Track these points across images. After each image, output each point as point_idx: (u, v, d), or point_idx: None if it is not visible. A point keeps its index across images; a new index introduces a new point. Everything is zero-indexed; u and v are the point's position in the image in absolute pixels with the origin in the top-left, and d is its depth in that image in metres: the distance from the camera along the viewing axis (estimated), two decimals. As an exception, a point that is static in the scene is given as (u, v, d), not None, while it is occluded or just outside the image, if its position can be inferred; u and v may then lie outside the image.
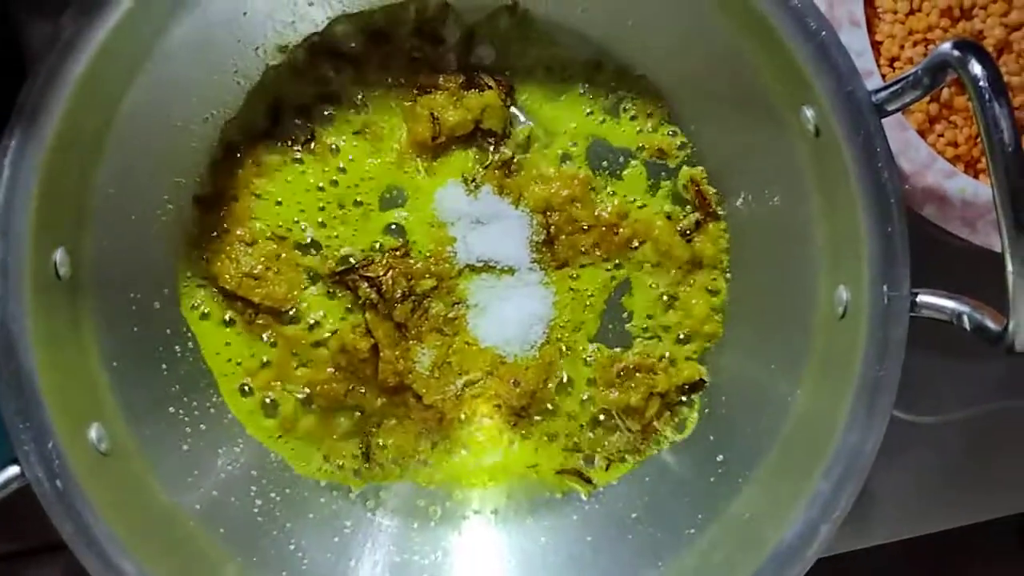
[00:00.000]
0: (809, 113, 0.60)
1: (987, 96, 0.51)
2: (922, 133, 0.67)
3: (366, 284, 0.70)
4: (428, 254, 0.71)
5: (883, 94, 0.57)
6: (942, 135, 0.68)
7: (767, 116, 0.64)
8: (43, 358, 0.57)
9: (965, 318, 0.56)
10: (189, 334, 0.69)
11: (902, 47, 0.68)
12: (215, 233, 0.70)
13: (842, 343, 0.61)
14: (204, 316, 0.70)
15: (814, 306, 0.64)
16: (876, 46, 0.68)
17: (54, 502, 0.56)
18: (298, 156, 0.70)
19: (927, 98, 0.62)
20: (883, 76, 0.67)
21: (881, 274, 0.58)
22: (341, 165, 0.71)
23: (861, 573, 0.84)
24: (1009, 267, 0.52)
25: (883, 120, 0.58)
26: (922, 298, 0.58)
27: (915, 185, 0.66)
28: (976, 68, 0.51)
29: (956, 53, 0.52)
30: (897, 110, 0.57)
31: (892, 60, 0.68)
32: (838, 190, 0.59)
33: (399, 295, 0.70)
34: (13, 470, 0.56)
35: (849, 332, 0.60)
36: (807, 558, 0.59)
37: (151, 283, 0.67)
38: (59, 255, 0.58)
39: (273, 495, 0.70)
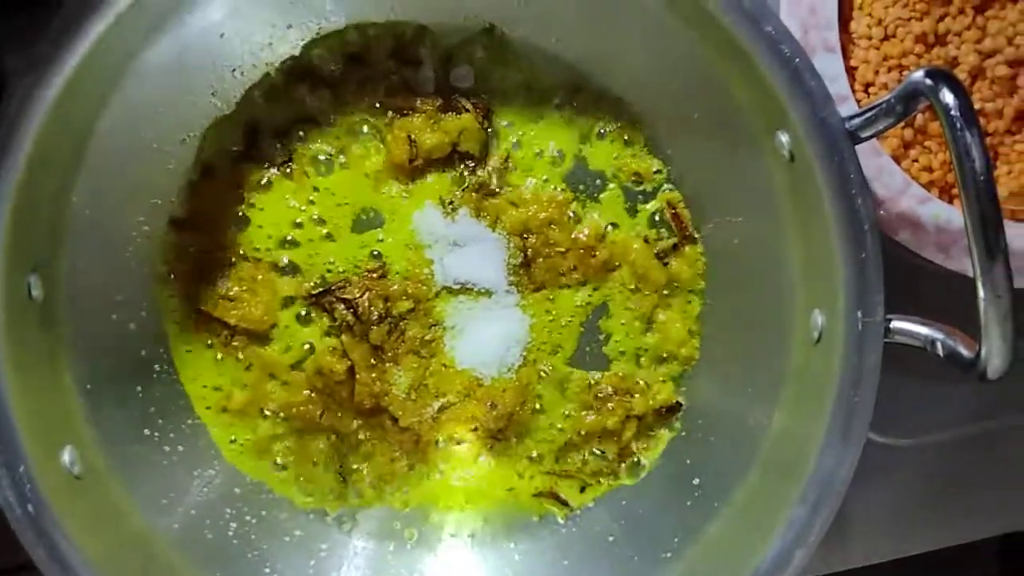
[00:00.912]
0: (784, 138, 0.60)
1: (958, 125, 0.51)
2: (896, 158, 0.68)
3: (342, 306, 0.70)
4: (405, 276, 0.71)
5: (857, 121, 0.57)
6: (916, 160, 0.68)
7: (743, 140, 0.64)
8: (15, 381, 0.56)
9: (938, 344, 0.56)
10: (165, 355, 0.69)
11: (877, 72, 0.68)
12: (191, 255, 0.69)
13: (817, 368, 0.61)
14: (181, 339, 0.70)
15: (790, 330, 0.64)
16: (851, 71, 0.68)
17: (26, 527, 0.56)
18: (275, 178, 0.70)
19: (902, 124, 0.62)
20: (858, 101, 0.67)
21: (856, 300, 0.58)
22: (318, 187, 0.70)
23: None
24: (980, 294, 0.52)
25: (857, 146, 0.58)
26: (896, 324, 0.58)
27: (890, 211, 0.67)
28: (948, 97, 0.52)
29: (928, 82, 0.52)
30: (871, 136, 0.58)
31: (867, 85, 0.68)
32: (813, 215, 0.60)
33: (375, 317, 0.70)
34: (-18, 495, 0.55)
35: (824, 357, 0.60)
36: (782, 583, 0.59)
37: (127, 305, 0.67)
38: (32, 276, 0.58)
39: (248, 518, 0.69)
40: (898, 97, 0.55)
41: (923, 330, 0.57)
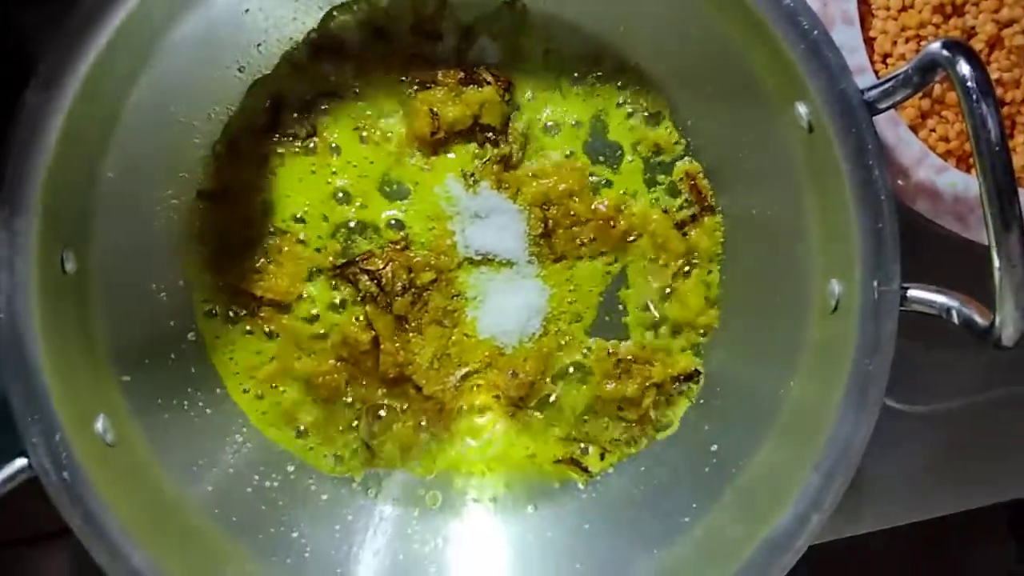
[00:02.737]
0: (802, 109, 0.60)
1: (975, 96, 0.52)
2: (914, 128, 0.68)
3: (366, 277, 0.71)
4: (428, 248, 0.72)
5: (874, 92, 0.58)
6: (934, 130, 0.69)
7: (762, 111, 0.65)
8: (50, 351, 0.57)
9: (954, 313, 0.57)
10: (194, 326, 0.71)
11: (895, 43, 0.68)
12: (218, 228, 0.71)
13: (834, 336, 0.62)
14: (210, 311, 0.71)
15: (807, 299, 0.65)
16: (869, 42, 0.69)
17: (62, 493, 0.57)
18: (299, 151, 0.71)
19: (919, 94, 0.63)
20: (876, 72, 0.68)
21: (873, 269, 0.58)
22: (341, 160, 0.71)
23: (850, 560, 0.85)
24: (996, 263, 0.53)
25: (875, 117, 0.59)
26: (912, 293, 0.59)
27: (907, 180, 0.67)
28: (964, 68, 0.52)
29: (945, 53, 0.53)
30: (888, 107, 0.58)
31: (885, 56, 0.69)
32: (830, 185, 0.60)
33: (399, 288, 0.71)
34: (21, 462, 0.57)
35: (841, 325, 0.61)
36: (797, 547, 0.60)
37: (157, 277, 0.68)
38: (66, 251, 0.59)
39: (276, 484, 0.71)
40: (915, 68, 0.56)
41: (939, 298, 0.58)
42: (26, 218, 0.56)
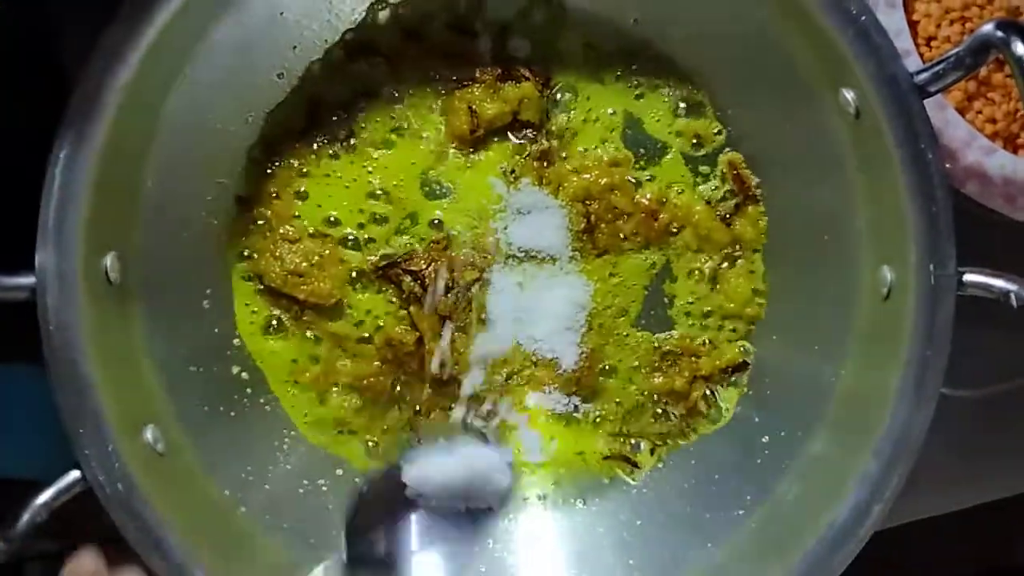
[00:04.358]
0: (849, 95, 0.60)
1: (1032, 76, 0.51)
2: (961, 111, 0.68)
3: (409, 278, 0.71)
4: (470, 246, 0.72)
5: (924, 75, 0.57)
6: (981, 112, 0.68)
7: (805, 98, 0.64)
8: (98, 362, 0.57)
9: (1012, 296, 0.57)
10: (237, 332, 0.70)
11: (939, 26, 0.68)
12: (259, 232, 0.70)
13: (887, 323, 0.61)
14: (252, 316, 0.71)
15: (856, 287, 0.65)
16: (913, 25, 0.68)
17: (116, 504, 0.57)
18: (337, 153, 0.71)
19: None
20: (921, 55, 0.67)
21: (928, 254, 0.58)
22: (380, 161, 0.71)
23: (905, 546, 0.84)
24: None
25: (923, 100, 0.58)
26: (969, 277, 0.58)
27: (955, 163, 0.67)
28: (1020, 48, 0.52)
29: (999, 34, 0.53)
30: (938, 91, 0.58)
31: (929, 39, 0.68)
32: (880, 171, 0.60)
33: (441, 288, 0.71)
34: (74, 474, 0.56)
35: (894, 312, 0.60)
36: (859, 537, 0.60)
37: (199, 284, 0.68)
38: (110, 260, 0.59)
39: (325, 489, 0.71)
40: (967, 50, 0.55)
41: (997, 282, 0.57)
42: (72, 229, 0.56)
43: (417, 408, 0.72)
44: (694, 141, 0.72)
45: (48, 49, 0.70)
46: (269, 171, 0.70)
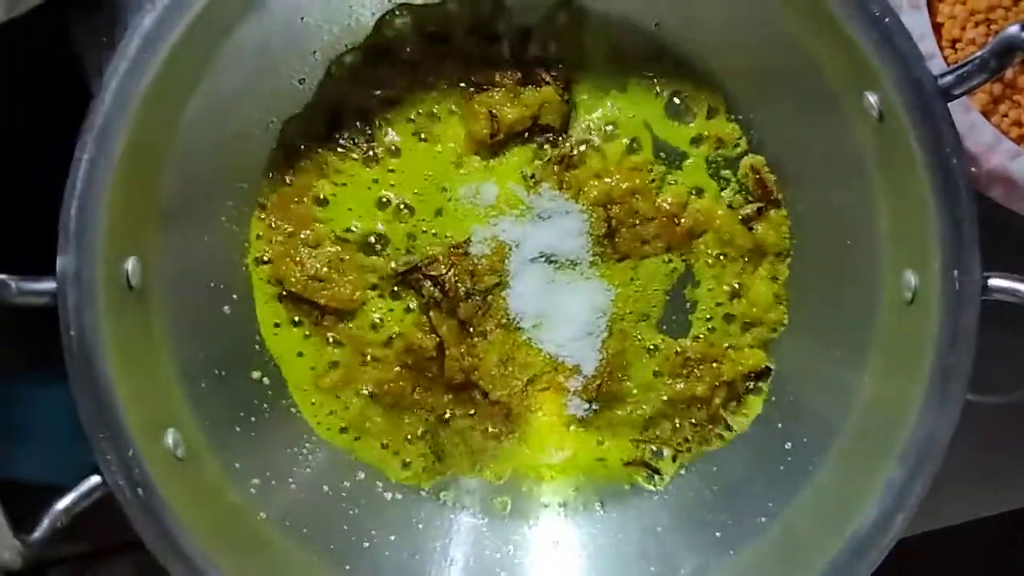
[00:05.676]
0: (872, 99, 0.59)
1: (1060, 79, 0.50)
2: (986, 114, 0.67)
3: (429, 283, 0.71)
4: (490, 251, 0.72)
5: (949, 78, 0.57)
6: (1006, 115, 0.67)
7: (826, 102, 0.64)
8: (119, 367, 0.58)
9: (1037, 301, 0.56)
10: (258, 338, 0.70)
11: (963, 28, 0.67)
12: (279, 237, 0.70)
13: (911, 329, 0.61)
14: (273, 321, 0.71)
15: (879, 292, 0.64)
16: (937, 28, 0.67)
17: (137, 509, 0.57)
18: (358, 158, 0.71)
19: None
20: (945, 58, 0.66)
21: (952, 259, 0.57)
22: (400, 166, 0.71)
23: (925, 554, 0.83)
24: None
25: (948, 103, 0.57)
26: (994, 282, 0.57)
27: (981, 167, 0.66)
28: (1046, 51, 0.51)
29: (1025, 35, 0.52)
30: (963, 93, 0.57)
31: (954, 41, 0.67)
32: (904, 175, 0.59)
33: (462, 293, 0.71)
34: (95, 479, 0.57)
35: (918, 318, 0.60)
36: (883, 546, 0.59)
37: (219, 289, 0.68)
38: (131, 264, 0.59)
39: (344, 495, 0.71)
40: (991, 52, 0.54)
41: (1022, 287, 0.57)
42: (92, 234, 0.56)
43: (437, 413, 0.72)
44: (716, 145, 0.72)
45: (70, 59, 0.71)
46: (289, 177, 0.70)
